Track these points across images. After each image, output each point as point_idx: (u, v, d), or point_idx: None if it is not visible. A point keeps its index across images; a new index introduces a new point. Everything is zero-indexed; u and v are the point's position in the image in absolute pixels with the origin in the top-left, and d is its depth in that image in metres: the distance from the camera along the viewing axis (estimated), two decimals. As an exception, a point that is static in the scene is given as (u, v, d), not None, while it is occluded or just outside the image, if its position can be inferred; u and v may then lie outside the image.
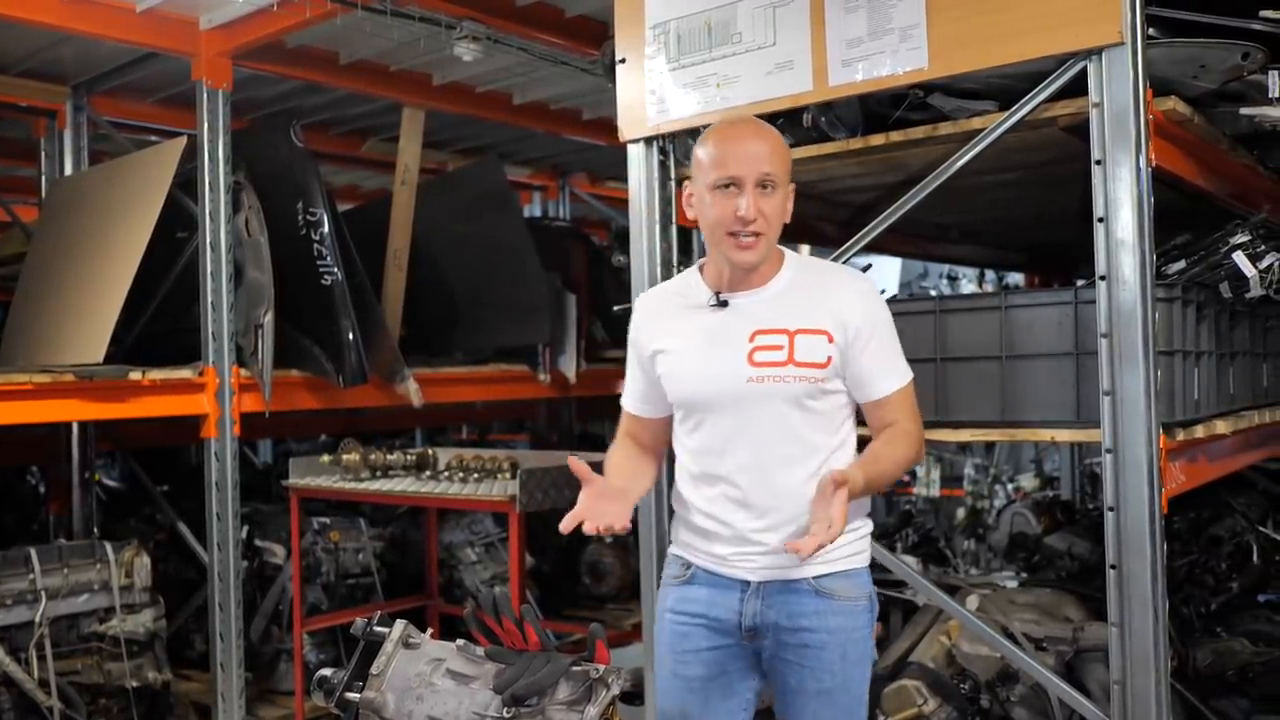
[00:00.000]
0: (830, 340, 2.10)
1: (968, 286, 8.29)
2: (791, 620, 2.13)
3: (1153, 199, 2.40)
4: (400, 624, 1.97)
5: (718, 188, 2.09)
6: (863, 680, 2.19)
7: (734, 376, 2.11)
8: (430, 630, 2.05)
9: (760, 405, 2.10)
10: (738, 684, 2.23)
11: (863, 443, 2.21)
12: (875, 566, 2.26)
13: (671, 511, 2.34)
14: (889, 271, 8.67)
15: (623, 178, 3.28)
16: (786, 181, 2.14)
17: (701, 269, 2.25)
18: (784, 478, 2.12)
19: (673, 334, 2.21)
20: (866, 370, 2.13)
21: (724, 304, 2.17)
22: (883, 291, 2.31)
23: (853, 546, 2.18)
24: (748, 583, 2.17)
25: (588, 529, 2.03)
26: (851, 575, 2.17)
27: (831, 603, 2.14)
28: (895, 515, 5.89)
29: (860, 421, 2.23)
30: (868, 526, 2.26)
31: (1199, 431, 2.67)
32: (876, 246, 3.50)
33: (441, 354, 5.32)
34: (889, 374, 2.15)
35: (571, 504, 2.09)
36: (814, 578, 2.14)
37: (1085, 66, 2.42)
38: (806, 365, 2.10)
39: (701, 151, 2.14)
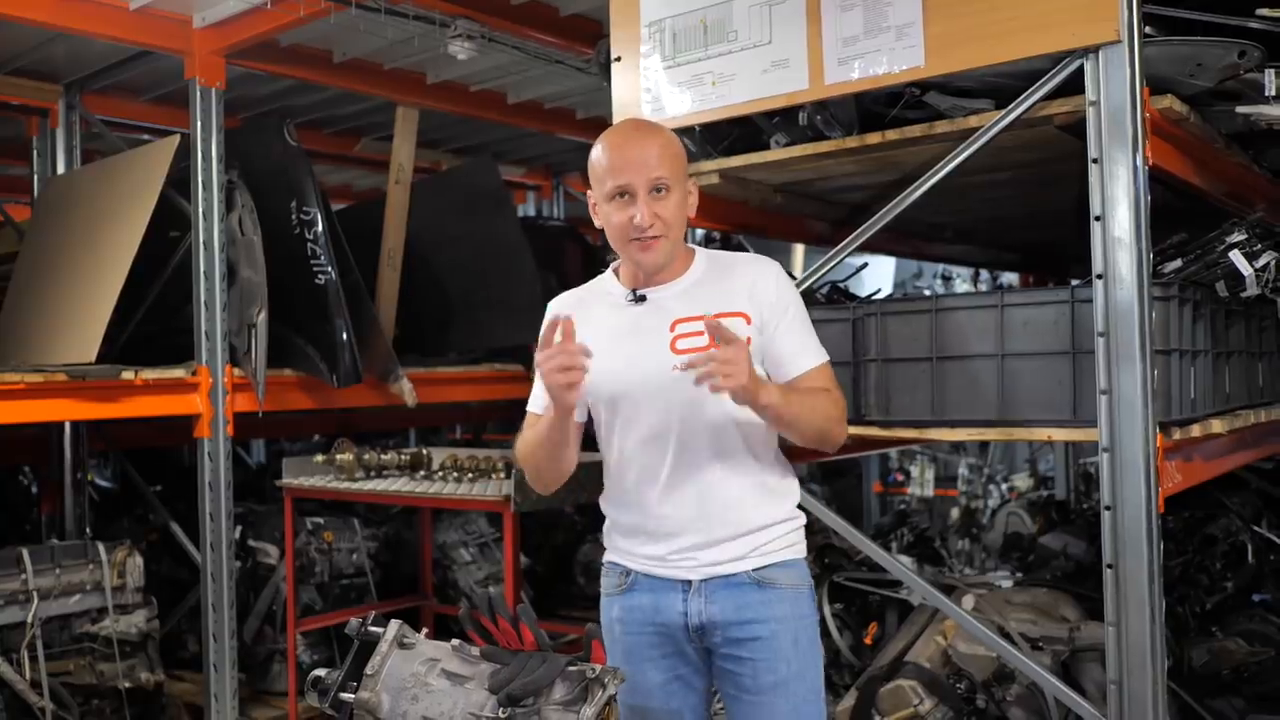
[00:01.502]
0: (749, 321, 2.13)
1: (962, 286, 8.30)
2: (738, 613, 2.14)
3: (1149, 197, 2.39)
4: (395, 624, 1.96)
5: (613, 198, 2.12)
6: (816, 669, 2.20)
7: (658, 368, 2.11)
8: (425, 630, 2.04)
9: (684, 393, 2.08)
10: (695, 681, 2.24)
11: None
12: (872, 565, 2.25)
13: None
14: (883, 271, 8.67)
15: (618, 177, 3.27)
16: (682, 180, 2.16)
17: (616, 270, 2.27)
18: (714, 467, 2.14)
19: (592, 332, 2.17)
20: (784, 349, 2.16)
21: (641, 299, 2.19)
22: (878, 290, 2.31)
23: (787, 538, 2.21)
24: (689, 582, 2.17)
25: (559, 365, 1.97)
26: (790, 565, 2.20)
27: (775, 591, 2.16)
28: (890, 515, 5.90)
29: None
30: (801, 518, 2.27)
31: (1195, 431, 2.66)
32: (871, 246, 3.50)
33: (435, 354, 5.31)
34: (805, 351, 2.18)
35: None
36: (753, 569, 2.16)
37: (1082, 65, 2.42)
38: None
39: (594, 160, 2.16)
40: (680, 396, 2.10)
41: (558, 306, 2.28)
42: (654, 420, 2.15)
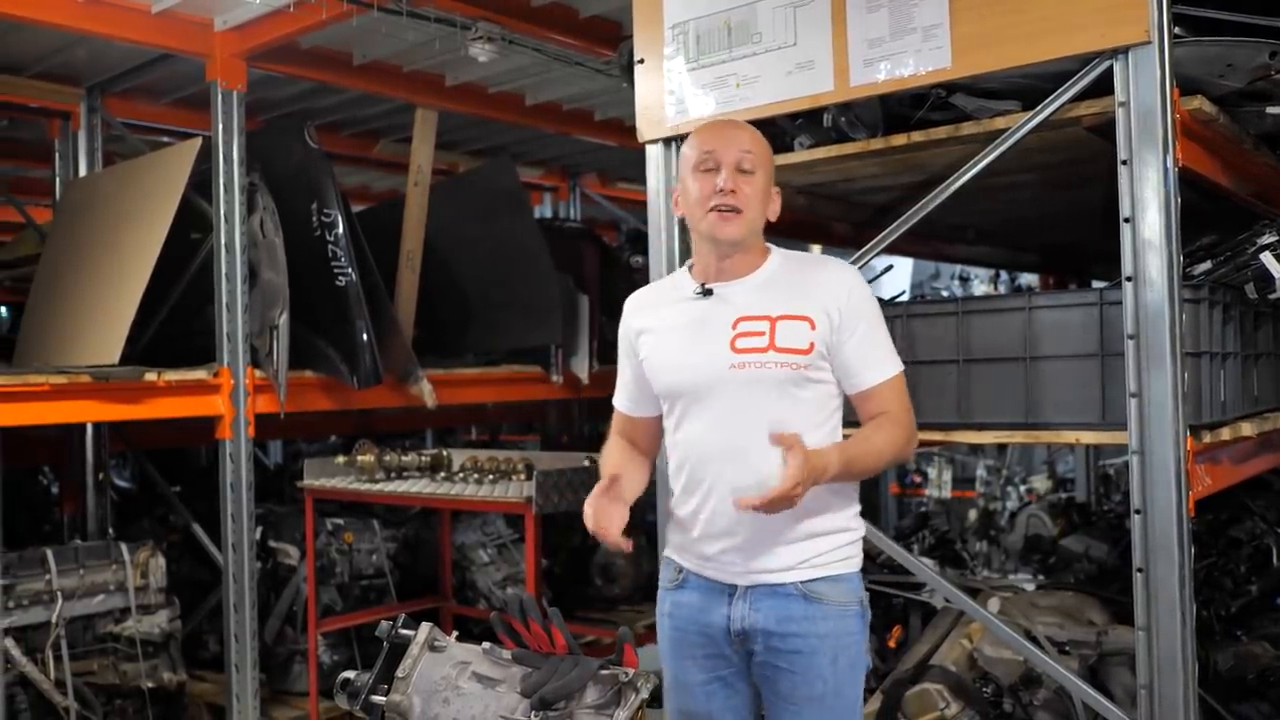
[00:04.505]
0: (813, 327, 2.11)
1: (979, 287, 8.27)
2: (780, 625, 2.12)
3: (1179, 199, 2.38)
4: (426, 627, 1.96)
5: (698, 170, 2.15)
6: (855, 685, 2.17)
7: (716, 363, 2.12)
8: (455, 634, 2.04)
9: (742, 392, 2.10)
10: (738, 684, 2.22)
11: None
12: (894, 567, 2.24)
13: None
14: (901, 272, 8.65)
15: (634, 179, 3.28)
16: (768, 173, 2.18)
17: (690, 268, 2.28)
18: (767, 469, 2.07)
19: (658, 323, 2.24)
20: (853, 360, 2.13)
21: (709, 293, 2.19)
22: (901, 293, 2.30)
23: (842, 551, 2.17)
24: (735, 586, 2.16)
25: (590, 527, 2.09)
26: (841, 580, 2.15)
27: (821, 607, 2.12)
28: (911, 516, 5.88)
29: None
30: (859, 529, 2.23)
31: (1225, 434, 2.65)
32: (892, 248, 3.47)
33: (454, 355, 5.31)
34: (876, 364, 2.15)
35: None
36: (802, 582, 2.12)
37: (1111, 66, 2.40)
38: (788, 351, 2.10)
39: (686, 147, 2.22)
40: (736, 394, 2.10)
41: (632, 304, 2.35)
42: (709, 416, 2.14)
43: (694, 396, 2.16)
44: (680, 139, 3.11)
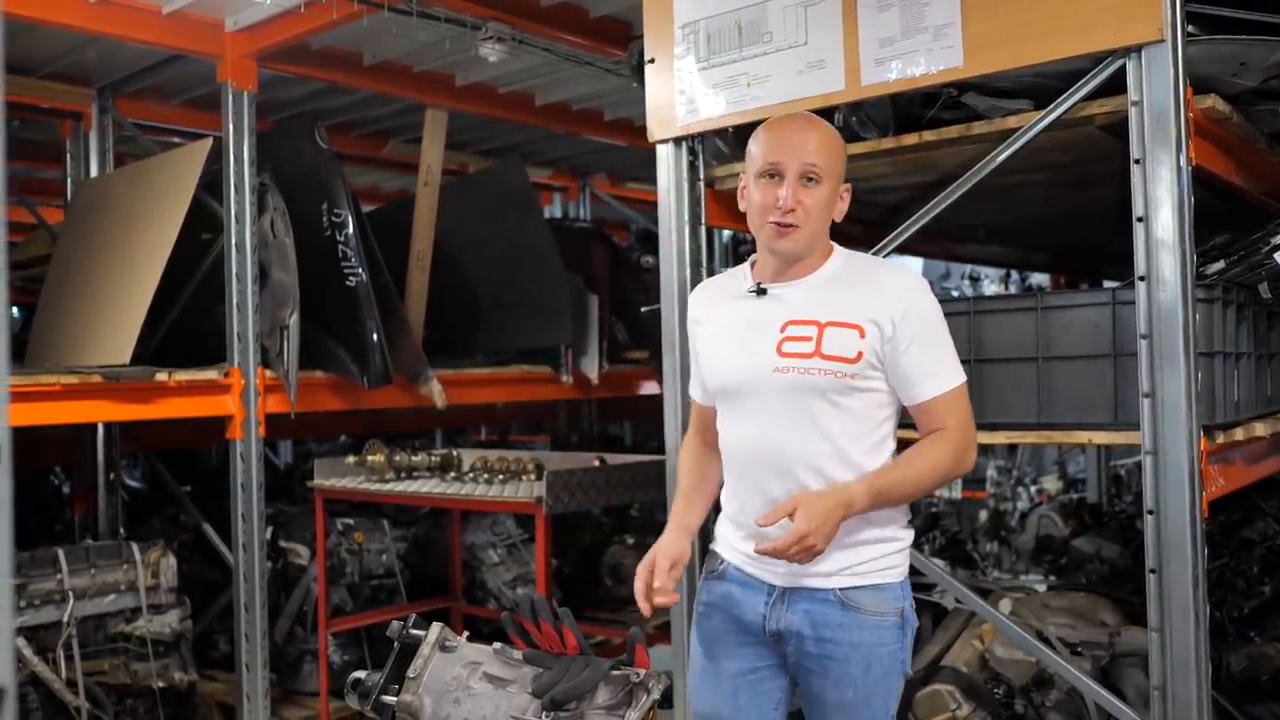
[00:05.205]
0: (862, 335, 2.03)
1: (990, 287, 8.24)
2: (815, 630, 2.09)
3: (1193, 198, 2.37)
4: (437, 627, 1.96)
5: (762, 175, 2.09)
6: (887, 695, 2.11)
7: (762, 365, 2.09)
8: (465, 634, 2.03)
9: (786, 397, 2.07)
10: (769, 682, 2.19)
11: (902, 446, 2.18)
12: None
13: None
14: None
15: (643, 178, 3.28)
16: (836, 177, 2.11)
17: (753, 263, 2.25)
18: (809, 471, 2.07)
19: (714, 318, 2.23)
20: (908, 371, 2.06)
21: (763, 292, 2.15)
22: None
23: (885, 560, 2.10)
24: (774, 587, 2.14)
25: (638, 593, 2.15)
26: (882, 589, 2.09)
27: (857, 616, 2.07)
28: (921, 517, 5.86)
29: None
30: (905, 539, 2.16)
31: (1238, 434, 2.63)
32: (903, 247, 3.47)
33: (463, 355, 5.31)
34: (933, 376, 2.06)
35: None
36: (840, 589, 2.07)
37: (1124, 64, 2.39)
38: (834, 359, 2.04)
39: (752, 143, 2.15)
40: (778, 398, 2.08)
41: (698, 292, 2.35)
42: (750, 418, 2.12)
43: (737, 397, 2.14)
44: (691, 139, 3.12)
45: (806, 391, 2.06)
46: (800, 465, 2.07)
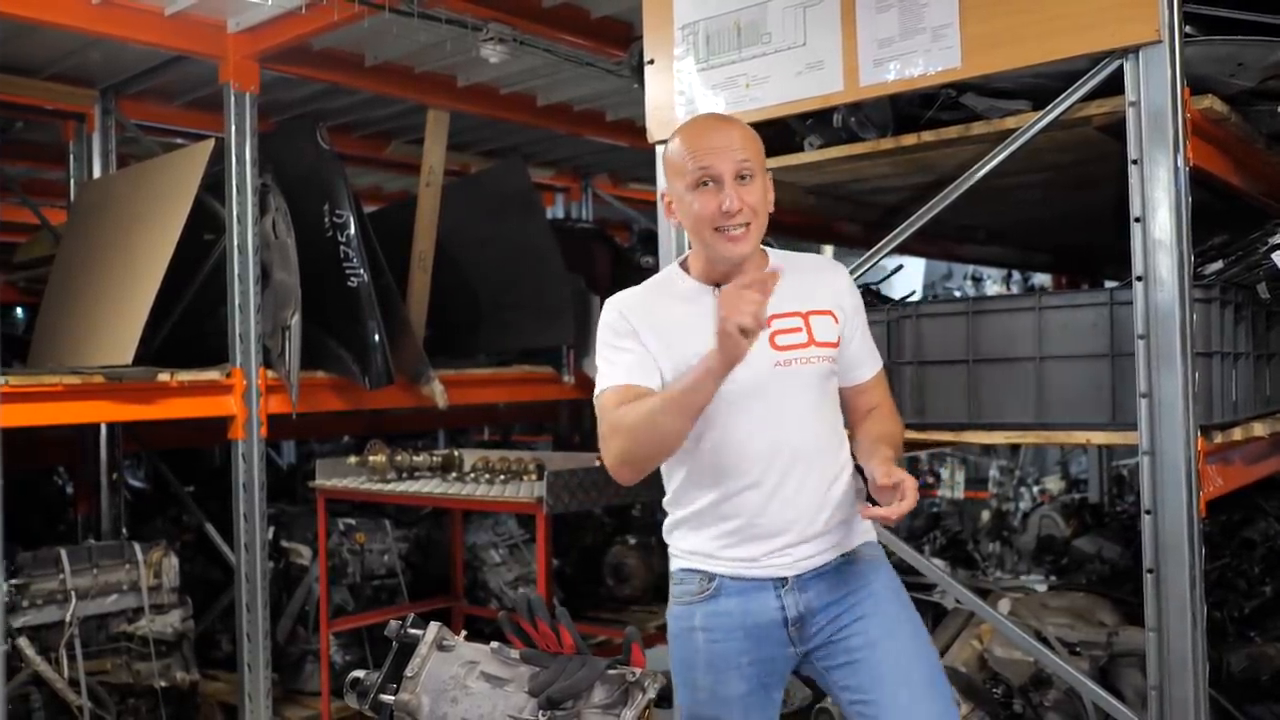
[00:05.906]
0: (835, 321, 2.15)
1: (992, 287, 8.25)
2: (833, 592, 2.13)
3: (1190, 199, 2.37)
4: (434, 626, 1.96)
5: (697, 185, 2.05)
6: (920, 620, 2.23)
7: (758, 363, 2.02)
8: (463, 633, 2.04)
9: (785, 389, 2.08)
10: (774, 694, 2.20)
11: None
12: (906, 569, 2.25)
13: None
14: (913, 273, 8.63)
15: (645, 179, 3.28)
16: (764, 169, 2.11)
17: (683, 265, 2.20)
18: (811, 463, 2.10)
19: (665, 324, 2.10)
20: (856, 353, 2.21)
21: None
22: (912, 293, 2.31)
23: (864, 525, 2.22)
24: (783, 579, 2.12)
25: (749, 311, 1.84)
26: (871, 544, 2.23)
27: (864, 563, 2.18)
28: (923, 517, 5.86)
29: None
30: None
31: (1237, 434, 2.63)
32: (903, 248, 3.46)
33: (465, 355, 5.33)
34: (871, 356, 2.25)
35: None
36: (839, 555, 2.16)
37: (1121, 65, 2.39)
38: (824, 345, 2.13)
39: (673, 152, 2.10)
40: (779, 391, 2.08)
41: (620, 306, 2.15)
42: (755, 418, 2.08)
43: (731, 399, 2.05)
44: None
45: (803, 379, 2.10)
46: (804, 451, 2.10)
